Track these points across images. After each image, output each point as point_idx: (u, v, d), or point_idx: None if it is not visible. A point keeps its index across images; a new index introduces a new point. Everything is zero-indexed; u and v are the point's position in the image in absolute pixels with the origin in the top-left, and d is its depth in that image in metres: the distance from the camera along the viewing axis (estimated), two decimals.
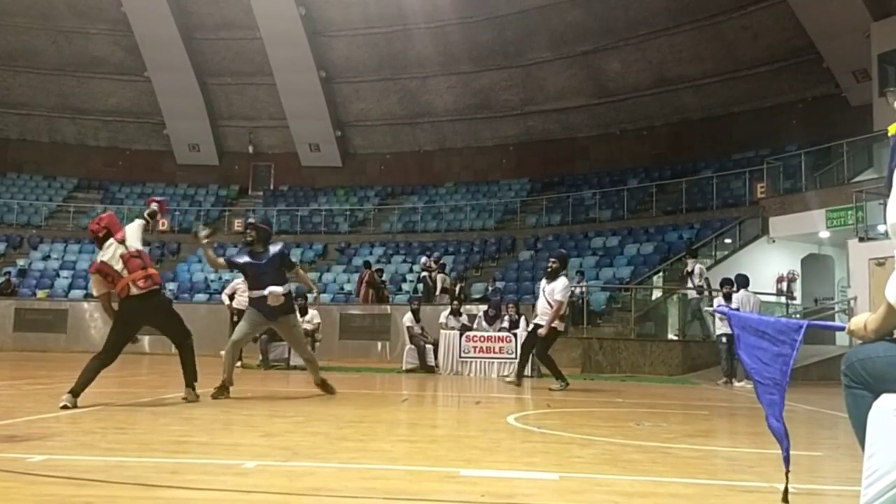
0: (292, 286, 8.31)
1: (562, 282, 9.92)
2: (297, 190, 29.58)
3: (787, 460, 3.03)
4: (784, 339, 2.94)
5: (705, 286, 16.40)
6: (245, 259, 7.86)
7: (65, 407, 5.95)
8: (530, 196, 26.67)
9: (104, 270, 6.51)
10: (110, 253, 6.51)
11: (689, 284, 16.71)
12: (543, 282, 10.20)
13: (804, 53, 21.75)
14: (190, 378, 6.95)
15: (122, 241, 6.54)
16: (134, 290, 6.51)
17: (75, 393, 6.16)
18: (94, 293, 6.85)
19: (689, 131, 25.03)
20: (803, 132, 21.29)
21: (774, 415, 3.10)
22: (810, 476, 4.02)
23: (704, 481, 3.70)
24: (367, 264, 21.83)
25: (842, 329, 2.71)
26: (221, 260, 8.09)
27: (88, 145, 30.11)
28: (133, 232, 6.66)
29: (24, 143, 29.87)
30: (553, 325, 9.92)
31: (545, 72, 26.43)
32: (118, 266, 6.48)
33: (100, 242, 6.62)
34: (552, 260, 10.23)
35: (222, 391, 7.50)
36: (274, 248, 7.84)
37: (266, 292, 7.64)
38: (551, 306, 9.81)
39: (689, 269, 16.67)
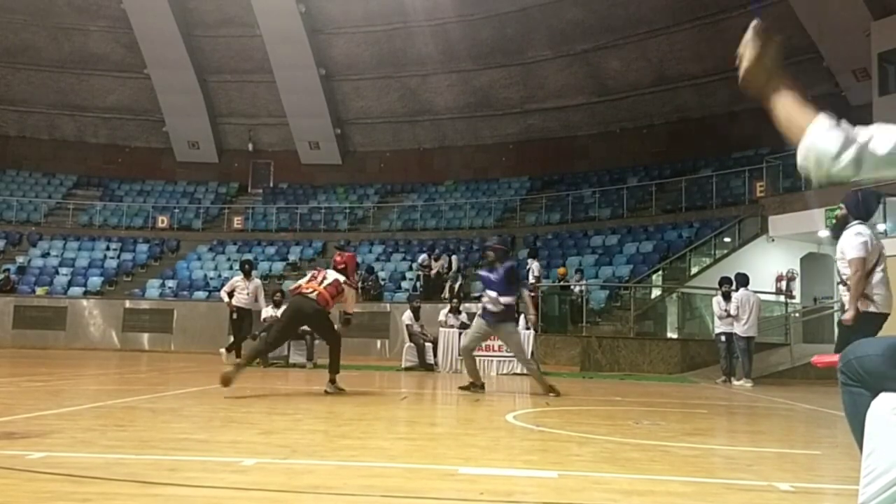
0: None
1: (852, 232, 5.90)
2: (297, 187, 29.58)
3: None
4: None
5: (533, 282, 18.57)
6: (483, 273, 9.30)
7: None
8: (530, 194, 26.68)
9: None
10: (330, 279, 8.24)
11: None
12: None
13: (804, 52, 21.73)
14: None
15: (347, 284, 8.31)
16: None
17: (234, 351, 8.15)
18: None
19: (689, 130, 25.02)
20: None
21: None
22: (809, 475, 4.03)
23: (702, 480, 3.70)
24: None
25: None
26: None
27: (88, 142, 30.11)
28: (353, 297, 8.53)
29: (24, 139, 29.87)
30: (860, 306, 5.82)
31: (545, 70, 26.43)
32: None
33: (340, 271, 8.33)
34: (840, 207, 6.32)
35: (471, 387, 8.94)
36: (506, 264, 9.04)
37: (489, 294, 8.83)
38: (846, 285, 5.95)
39: (528, 266, 18.87)
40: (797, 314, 18.08)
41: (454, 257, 21.71)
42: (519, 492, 3.31)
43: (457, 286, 19.94)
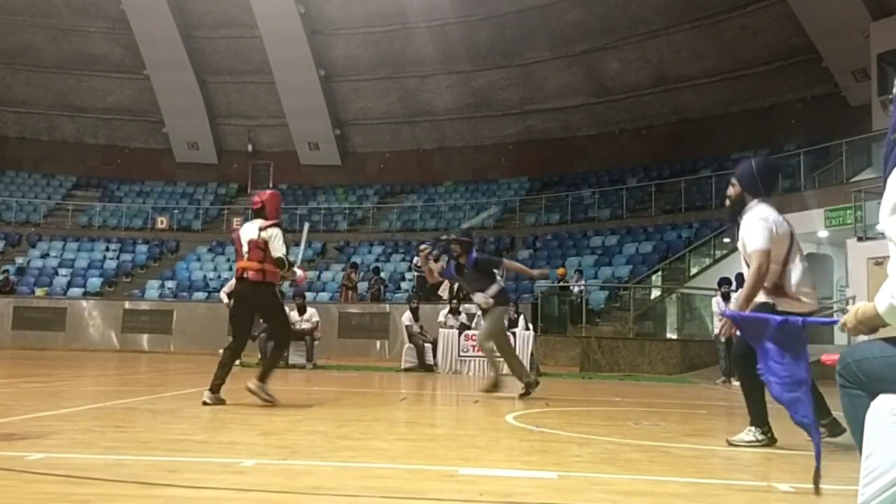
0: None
1: (754, 216, 4.84)
2: (296, 188, 29.58)
3: (818, 455, 3.21)
4: (794, 341, 3.13)
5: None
6: (451, 271, 8.63)
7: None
8: (529, 195, 26.69)
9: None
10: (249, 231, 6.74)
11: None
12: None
13: (803, 53, 21.75)
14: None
15: (262, 228, 6.67)
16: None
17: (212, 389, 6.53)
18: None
19: (688, 130, 25.04)
20: (802, 132, 21.31)
21: (802, 413, 3.35)
22: (809, 475, 4.02)
23: (702, 480, 3.70)
24: (354, 265, 22.01)
25: (835, 323, 2.72)
26: (437, 274, 8.90)
27: (87, 143, 30.10)
28: (280, 238, 6.67)
29: (23, 140, 29.85)
30: (767, 301, 4.75)
31: (544, 71, 26.44)
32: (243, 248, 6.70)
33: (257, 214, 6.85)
34: (732, 184, 5.05)
35: (530, 388, 8.25)
36: (472, 258, 8.36)
37: (475, 300, 8.44)
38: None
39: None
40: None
41: None
42: (519, 493, 3.31)
43: (456, 286, 19.93)
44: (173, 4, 26.86)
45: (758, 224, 4.72)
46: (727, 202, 5.12)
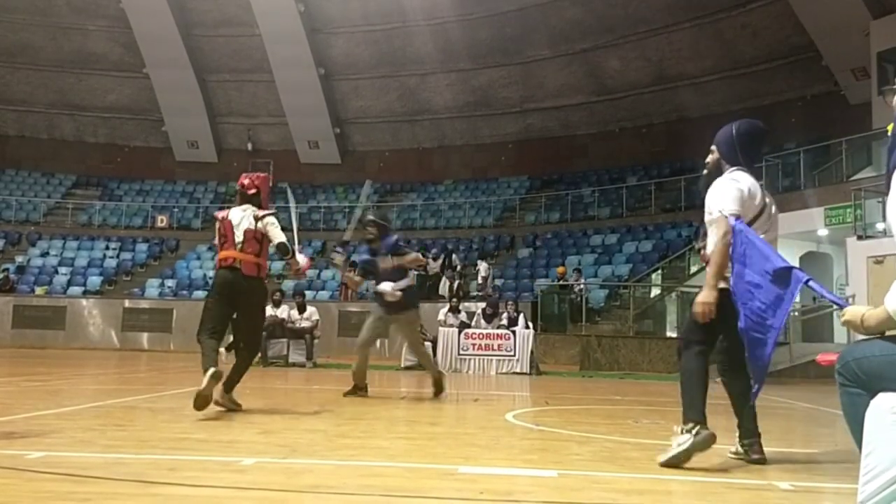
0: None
1: (725, 178, 4.34)
2: (296, 187, 29.51)
3: (755, 395, 3.76)
4: (785, 285, 3.14)
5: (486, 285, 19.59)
6: (368, 258, 7.88)
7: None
8: (529, 193, 26.69)
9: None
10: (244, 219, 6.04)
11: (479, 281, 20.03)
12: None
13: (803, 51, 21.75)
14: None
15: (258, 218, 5.98)
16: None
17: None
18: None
19: (688, 129, 24.98)
20: (802, 130, 21.30)
21: (759, 354, 3.51)
22: (809, 474, 4.03)
23: (702, 479, 3.70)
24: (354, 264, 22.02)
25: (842, 306, 2.70)
26: (357, 277, 8.17)
27: (87, 142, 30.09)
28: (277, 225, 6.10)
29: (23, 139, 29.85)
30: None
31: (544, 69, 26.43)
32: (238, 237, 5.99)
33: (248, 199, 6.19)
34: (711, 151, 4.60)
35: (355, 390, 7.64)
36: (387, 242, 7.67)
37: (380, 289, 7.58)
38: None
39: (477, 268, 20.32)
40: (796, 313, 18.07)
41: (454, 256, 21.73)
42: (519, 491, 3.31)
43: (455, 285, 19.93)
44: (173, 3, 26.85)
45: (727, 185, 4.13)
46: (705, 171, 4.55)
